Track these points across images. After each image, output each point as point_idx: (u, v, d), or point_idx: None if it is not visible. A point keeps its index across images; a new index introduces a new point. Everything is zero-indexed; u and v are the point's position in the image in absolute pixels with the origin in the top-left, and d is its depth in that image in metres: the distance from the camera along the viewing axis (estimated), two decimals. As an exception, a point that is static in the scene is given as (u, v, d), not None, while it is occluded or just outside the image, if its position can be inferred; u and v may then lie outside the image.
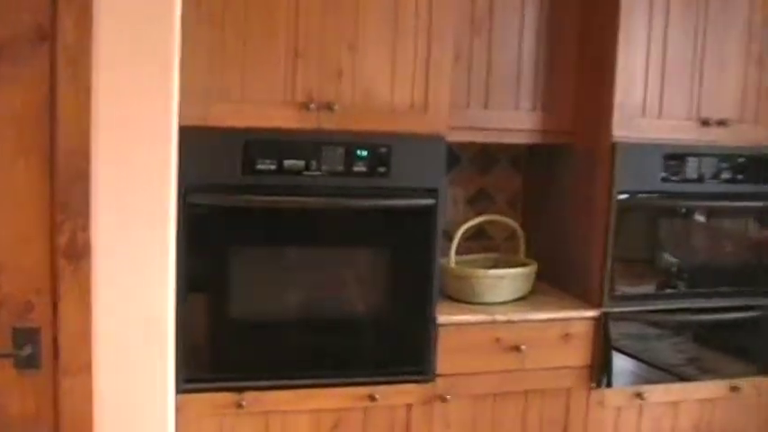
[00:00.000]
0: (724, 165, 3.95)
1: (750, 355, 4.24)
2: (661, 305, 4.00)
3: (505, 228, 4.17)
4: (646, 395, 3.98)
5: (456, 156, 4.22)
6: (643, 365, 4.05)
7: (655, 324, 4.05)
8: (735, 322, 4.13)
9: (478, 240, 4.26)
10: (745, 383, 4.17)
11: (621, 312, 3.88)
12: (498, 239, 4.33)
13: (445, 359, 3.61)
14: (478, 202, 4.32)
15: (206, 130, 3.20)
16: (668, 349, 4.11)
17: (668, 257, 4.08)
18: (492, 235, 4.32)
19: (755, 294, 4.15)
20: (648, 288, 4.03)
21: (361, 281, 3.60)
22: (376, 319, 3.60)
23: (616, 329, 3.87)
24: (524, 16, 3.85)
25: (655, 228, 4.06)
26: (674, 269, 4.06)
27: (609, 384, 3.88)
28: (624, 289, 3.90)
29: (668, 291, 4.04)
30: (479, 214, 4.10)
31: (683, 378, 4.09)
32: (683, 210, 4.05)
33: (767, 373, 4.22)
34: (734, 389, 4.13)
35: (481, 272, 3.82)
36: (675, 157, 3.87)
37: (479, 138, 3.87)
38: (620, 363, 3.92)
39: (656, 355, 4.05)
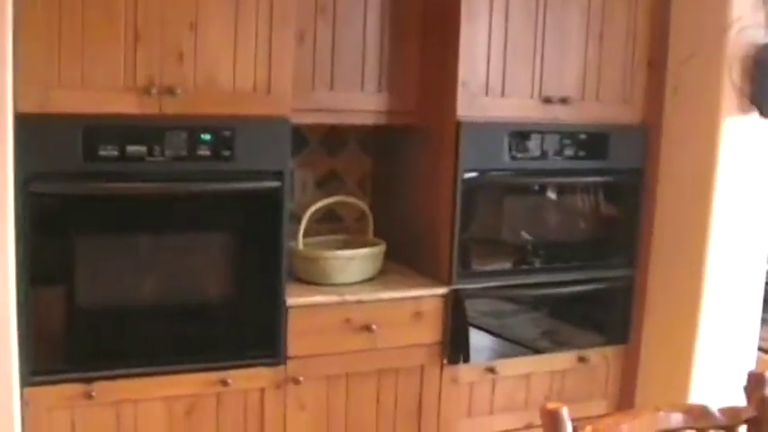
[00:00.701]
0: (567, 142, 4.09)
1: (599, 326, 4.43)
2: (513, 281, 4.14)
3: (355, 209, 4.25)
4: (498, 369, 4.11)
5: (304, 138, 4.28)
6: (498, 340, 4.19)
7: (508, 299, 4.20)
8: (584, 295, 4.30)
9: (329, 222, 4.33)
10: (593, 354, 4.35)
11: (474, 289, 3.99)
12: (348, 221, 4.40)
13: (297, 341, 3.66)
14: (328, 184, 4.38)
15: (45, 116, 3.17)
16: (523, 324, 4.27)
17: (518, 234, 4.23)
18: (342, 216, 4.40)
19: (602, 267, 4.33)
20: (501, 264, 4.16)
21: (210, 266, 3.64)
22: (226, 303, 3.65)
23: (470, 306, 3.99)
24: (368, -4, 3.91)
25: (505, 206, 4.19)
26: (524, 245, 4.21)
27: (466, 360, 4.00)
28: (477, 266, 4.02)
29: (520, 267, 4.18)
30: (329, 196, 4.14)
31: (537, 351, 4.24)
32: (531, 186, 4.19)
33: (614, 342, 4.42)
34: (582, 359, 4.31)
35: (330, 253, 3.89)
36: (520, 136, 3.99)
37: (325, 119, 3.93)
38: (475, 338, 4.05)
39: (511, 329, 4.20)
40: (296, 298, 3.66)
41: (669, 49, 4.25)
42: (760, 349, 4.54)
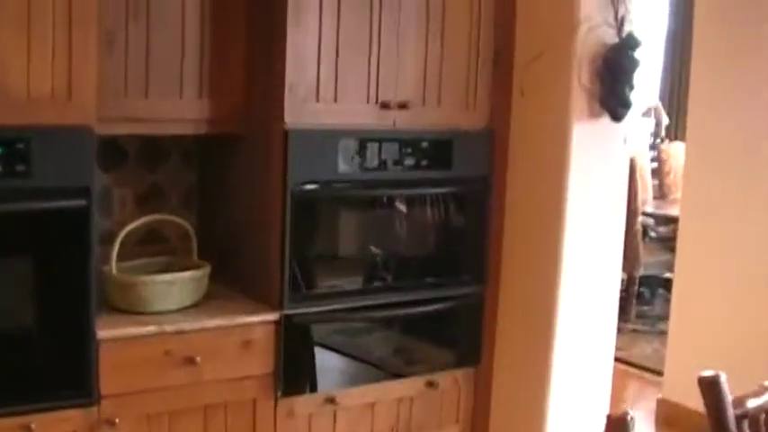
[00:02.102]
0: (407, 150, 3.92)
1: (448, 348, 4.30)
2: (351, 303, 3.95)
3: (180, 228, 3.96)
4: (339, 399, 3.92)
5: (122, 151, 3.99)
6: (337, 369, 4.03)
7: (348, 323, 4.02)
8: (431, 316, 4.15)
9: (152, 244, 4.03)
10: (443, 377, 4.21)
11: (308, 313, 3.80)
12: (174, 241, 4.10)
13: (110, 378, 3.38)
14: (150, 201, 4.08)
15: None
16: (368, 349, 4.11)
17: (357, 252, 4.11)
18: (167, 236, 4.10)
19: (450, 285, 4.20)
20: (338, 286, 3.98)
21: (10, 296, 3.31)
22: (28, 338, 3.33)
23: (304, 332, 3.81)
24: (186, -4, 3.67)
25: (341, 221, 4.07)
26: (365, 264, 4.05)
27: (303, 391, 3.82)
28: (310, 289, 3.82)
29: (360, 287, 4.01)
30: (151, 214, 3.87)
31: (382, 379, 4.08)
32: (370, 200, 4.01)
33: (465, 364, 4.29)
34: (430, 384, 4.16)
35: (146, 278, 3.61)
36: (355, 144, 3.80)
37: (141, 129, 3.67)
38: (312, 367, 3.88)
39: (351, 358, 4.05)
40: (108, 330, 3.38)
41: (515, 49, 4.15)
42: (616, 359, 4.49)
